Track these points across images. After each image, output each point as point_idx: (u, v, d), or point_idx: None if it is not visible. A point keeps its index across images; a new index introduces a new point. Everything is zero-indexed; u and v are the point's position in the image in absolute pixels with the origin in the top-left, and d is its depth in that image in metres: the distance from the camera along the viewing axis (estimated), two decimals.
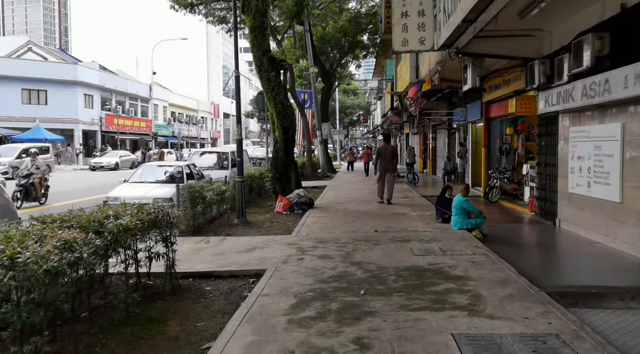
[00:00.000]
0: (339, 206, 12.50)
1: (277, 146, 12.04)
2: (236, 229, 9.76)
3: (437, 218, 9.52)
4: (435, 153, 25.74)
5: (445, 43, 9.87)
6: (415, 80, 16.01)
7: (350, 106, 65.78)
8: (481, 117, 15.89)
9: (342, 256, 6.82)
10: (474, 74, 11.56)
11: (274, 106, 11.71)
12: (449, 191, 9.54)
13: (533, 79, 9.97)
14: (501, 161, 15.55)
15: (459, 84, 16.26)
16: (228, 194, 11.54)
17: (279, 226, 10.01)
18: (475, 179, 17.89)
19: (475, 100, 16.38)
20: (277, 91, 11.58)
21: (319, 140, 26.23)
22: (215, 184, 9.58)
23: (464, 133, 19.51)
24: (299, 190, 11.97)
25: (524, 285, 5.32)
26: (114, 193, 11.17)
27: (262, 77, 11.61)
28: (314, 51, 26.42)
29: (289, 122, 11.79)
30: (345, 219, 10.30)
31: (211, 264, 6.82)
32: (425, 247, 7.27)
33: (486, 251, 6.94)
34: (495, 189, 14.19)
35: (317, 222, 9.97)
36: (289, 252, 7.19)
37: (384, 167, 12.98)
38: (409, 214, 10.79)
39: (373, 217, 10.38)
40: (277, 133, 11.96)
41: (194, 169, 12.87)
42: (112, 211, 5.02)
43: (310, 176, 22.58)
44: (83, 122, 41.55)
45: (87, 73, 42.12)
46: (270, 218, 11.06)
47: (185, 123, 61.90)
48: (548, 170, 10.61)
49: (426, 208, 11.76)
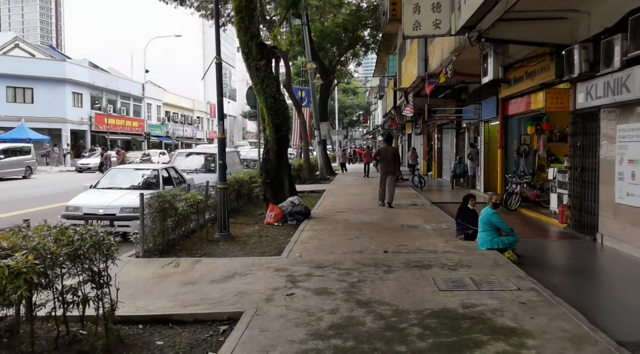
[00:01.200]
0: (339, 215, 10.87)
1: (268, 147, 10.41)
2: (216, 246, 8.12)
3: (459, 234, 7.89)
4: (441, 155, 24.14)
5: (466, 25, 8.28)
6: (423, 73, 14.40)
7: (349, 106, 64.19)
8: (497, 115, 14.32)
9: (345, 291, 5.20)
10: (496, 64, 9.92)
11: (264, 100, 10.09)
12: (472, 200, 7.92)
13: (571, 68, 8.36)
14: (519, 164, 13.98)
15: (473, 78, 14.68)
16: (212, 202, 9.96)
17: (267, 242, 8.37)
18: (488, 183, 16.31)
19: (489, 96, 14.80)
20: (267, 83, 9.97)
21: (317, 140, 24.60)
22: (190, 192, 7.94)
23: (475, 133, 17.91)
24: (293, 197, 10.36)
25: (607, 346, 3.70)
26: (75, 201, 9.54)
27: (251, 66, 9.99)
28: (312, 46, 24.83)
29: (282, 119, 10.17)
30: (347, 233, 8.67)
31: (173, 300, 5.19)
32: (451, 277, 5.65)
33: (533, 283, 5.32)
34: (515, 195, 12.58)
35: (314, 237, 8.33)
36: (276, 284, 5.56)
37: (385, 169, 12.56)
38: (422, 227, 9.15)
39: (380, 231, 8.76)
40: (267, 132, 10.35)
41: (173, 173, 11.23)
42: (5, 240, 3.38)
43: (308, 179, 20.96)
44: (71, 121, 39.87)
45: (76, 70, 40.43)
46: (259, 231, 9.43)
47: (180, 123, 60.24)
48: (586, 175, 9.00)
49: (441, 219, 10.14)
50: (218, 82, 8.44)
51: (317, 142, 24.70)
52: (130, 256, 7.29)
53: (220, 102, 8.45)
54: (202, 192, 9.43)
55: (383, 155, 12.88)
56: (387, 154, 12.86)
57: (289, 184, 10.59)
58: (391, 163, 12.63)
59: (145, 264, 6.85)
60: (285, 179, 10.51)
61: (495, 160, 16.22)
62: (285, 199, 10.39)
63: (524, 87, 11.76)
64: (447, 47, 11.47)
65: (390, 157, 12.74)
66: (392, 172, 12.53)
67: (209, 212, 9.92)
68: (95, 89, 42.66)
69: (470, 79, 14.57)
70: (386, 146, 13.60)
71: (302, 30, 23.82)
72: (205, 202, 9.22)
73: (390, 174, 12.47)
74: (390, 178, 12.47)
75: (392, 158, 12.72)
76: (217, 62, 8.32)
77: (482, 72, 10.43)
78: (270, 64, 10.10)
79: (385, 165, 12.61)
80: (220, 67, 8.34)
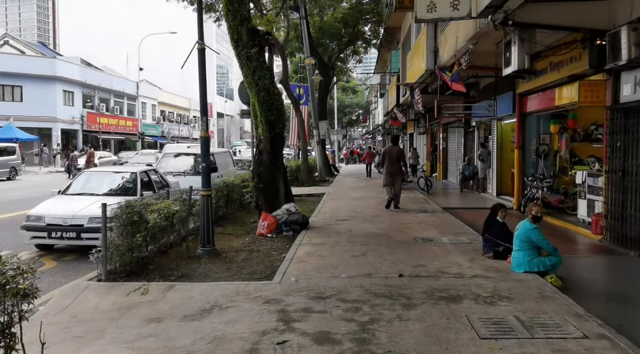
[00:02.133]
0: (341, 225, 9.61)
1: (261, 147, 9.14)
2: (197, 264, 6.86)
3: (486, 251, 6.62)
4: (447, 155, 22.89)
5: (491, 4, 7.09)
6: (433, 67, 13.14)
7: (349, 105, 62.88)
8: (513, 112, 13.08)
9: (355, 337, 3.95)
10: (522, 52, 8.64)
11: (255, 94, 8.82)
12: (502, 211, 6.64)
13: (616, 54, 7.11)
14: (537, 166, 12.74)
15: (487, 72, 13.46)
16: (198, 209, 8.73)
17: (258, 259, 7.11)
18: (501, 186, 15.09)
19: (504, 91, 13.57)
20: (260, 74, 8.70)
21: (316, 140, 23.33)
22: (164, 201, 6.65)
23: (486, 132, 16.67)
24: (289, 205, 9.10)
25: None
26: (37, 210, 8.25)
27: (241, 55, 8.72)
28: (310, 41, 23.58)
29: (276, 115, 8.90)
30: (352, 248, 7.40)
31: (128, 350, 3.93)
32: (491, 314, 4.39)
33: (600, 326, 4.06)
34: (536, 201, 11.30)
35: (313, 254, 7.06)
36: (265, 324, 4.31)
37: (390, 171, 12.19)
38: (439, 240, 7.87)
39: (390, 246, 7.49)
40: (260, 130, 9.07)
41: (155, 176, 9.97)
42: None
43: (306, 181, 19.69)
44: (62, 120, 38.57)
45: (67, 68, 39.13)
46: (250, 244, 8.16)
47: (176, 123, 58.94)
48: (628, 180, 7.77)
49: (459, 230, 8.87)
50: (200, 70, 7.17)
51: (315, 141, 23.44)
52: (91, 280, 6.04)
53: (204, 94, 7.18)
54: (186, 197, 8.18)
55: (388, 156, 12.46)
56: (392, 154, 12.48)
57: (284, 190, 9.31)
58: (396, 163, 12.26)
59: (107, 291, 5.59)
60: (281, 183, 9.23)
61: (509, 161, 15.00)
62: (281, 207, 9.12)
63: (548, 81, 10.53)
64: (462, 35, 10.21)
65: (395, 157, 12.37)
66: (396, 173, 12.20)
67: (194, 221, 8.68)
68: (87, 87, 41.37)
69: (484, 72, 13.34)
70: (391, 146, 13.18)
71: (300, 24, 22.56)
72: (189, 211, 7.97)
73: (395, 176, 12.13)
74: (396, 179, 12.15)
75: (396, 158, 12.35)
76: (199, 48, 7.06)
77: (503, 62, 9.16)
78: (263, 52, 8.83)
79: (390, 166, 12.20)
80: (202, 53, 7.07)
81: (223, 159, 14.66)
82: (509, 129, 15.30)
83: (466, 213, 11.78)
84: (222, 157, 14.75)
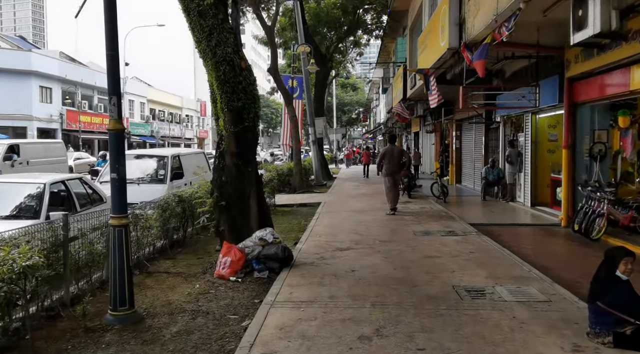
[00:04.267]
0: (341, 258, 6.70)
1: (223, 148, 6.23)
2: (96, 345, 4.00)
3: (599, 332, 3.69)
4: (460, 156, 20.02)
5: None
6: (457, 44, 10.26)
7: (348, 103, 59.93)
8: (559, 101, 10.26)
9: None
10: (606, 7, 5.77)
11: (213, 68, 5.93)
12: (626, 262, 3.70)
13: None
14: (591, 171, 9.89)
15: (526, 50, 10.60)
16: (142, 235, 5.96)
17: (202, 335, 4.23)
18: (535, 195, 12.27)
19: (545, 76, 10.73)
20: (219, 38, 5.82)
21: (312, 139, 20.44)
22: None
23: (514, 128, 13.81)
24: (263, 231, 6.20)
25: None
26: None
27: (190, 9, 5.84)
28: (305, 26, 20.70)
29: (245, 99, 6.00)
30: (358, 315, 4.42)
31: None
32: None
33: None
34: (600, 218, 8.45)
35: (291, 331, 4.14)
36: None
37: (391, 171, 11.50)
38: (494, 294, 4.92)
39: (421, 308, 4.55)
40: (221, 122, 6.20)
41: (75, 188, 7.10)
42: None
43: (299, 187, 16.81)
44: (38, 118, 35.62)
45: (44, 62, 36.17)
46: (199, 296, 5.29)
47: (167, 122, 55.98)
48: None
49: (514, 268, 5.97)
50: (108, 23, 4.30)
51: (311, 141, 20.55)
52: None
53: (114, 58, 4.33)
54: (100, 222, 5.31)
55: (389, 157, 11.66)
56: (392, 155, 11.72)
57: (258, 209, 6.36)
58: (398, 164, 11.64)
59: None
60: (252, 200, 6.29)
61: (546, 164, 12.17)
62: (252, 234, 6.24)
63: (617, 57, 7.75)
64: None
65: (396, 158, 11.68)
66: (398, 172, 11.75)
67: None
68: (67, 83, 38.42)
69: (523, 50, 10.45)
70: (391, 147, 12.23)
71: (295, 7, 19.67)
72: (55, 268, 5.00)
73: (396, 175, 11.58)
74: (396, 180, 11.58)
75: (398, 159, 11.69)
76: None
77: (572, 26, 6.27)
78: (224, 7, 5.95)
79: (392, 167, 11.53)
80: None
81: (193, 162, 11.78)
82: (545, 125, 12.48)
83: (505, 233, 8.96)
84: (192, 160, 11.87)
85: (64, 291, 4.98)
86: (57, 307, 4.83)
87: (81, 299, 4.88)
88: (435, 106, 13.77)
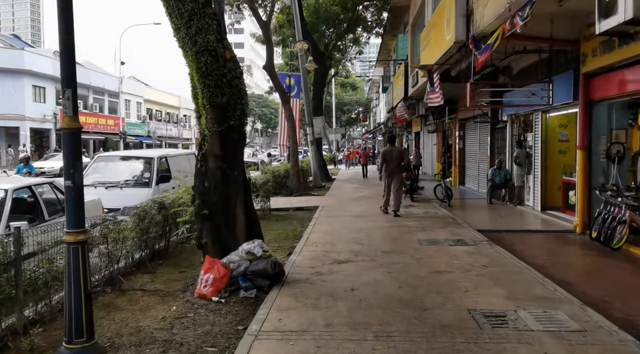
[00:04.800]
0: (339, 273, 5.99)
1: (205, 150, 5.53)
2: None
3: None
4: (464, 157, 19.34)
5: None
6: (464, 36, 9.56)
7: (348, 103, 59.20)
8: (574, 98, 9.55)
9: None
10: None
11: (194, 59, 5.22)
12: None
13: None
14: (609, 173, 9.19)
15: (539, 43, 9.89)
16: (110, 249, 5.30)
17: None
18: (547, 198, 11.57)
19: (559, 72, 10.03)
20: (200, 25, 5.11)
21: (310, 140, 19.74)
22: None
23: (522, 128, 13.10)
24: (251, 243, 5.49)
25: None
26: None
27: None
28: (302, 22, 20.01)
29: (230, 95, 5.28)
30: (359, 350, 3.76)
31: None
32: None
33: None
34: (622, 225, 7.75)
35: None
36: None
37: (390, 172, 11.24)
38: (518, 321, 4.17)
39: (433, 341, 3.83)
40: (203, 121, 5.50)
41: (45, 194, 6.39)
42: None
43: (297, 189, 16.10)
44: (31, 118, 34.90)
45: (38, 61, 35.43)
46: (174, 321, 4.59)
47: (164, 122, 55.23)
48: None
49: (535, 287, 5.25)
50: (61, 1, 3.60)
51: (309, 141, 19.85)
52: None
53: (68, 49, 3.64)
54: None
55: (388, 158, 11.40)
56: (392, 156, 11.46)
57: (245, 218, 5.65)
58: (398, 165, 11.35)
59: None
60: (239, 208, 5.58)
61: (557, 166, 11.48)
62: (238, 246, 5.53)
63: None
64: None
65: (395, 158, 11.40)
66: (397, 174, 11.32)
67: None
68: None
69: (535, 44, 9.74)
70: (390, 147, 12.05)
71: (292, 1, 18.96)
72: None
73: (396, 177, 11.19)
74: (395, 182, 11.15)
75: (397, 160, 11.39)
76: None
77: (598, 12, 5.58)
78: None
79: (392, 168, 11.27)
80: None
81: (182, 164, 11.07)
82: (556, 124, 11.79)
83: (518, 242, 8.27)
84: (181, 162, 11.16)
85: (16, 317, 4.29)
86: (7, 336, 4.14)
87: (36, 325, 4.19)
88: (435, 105, 13.09)
